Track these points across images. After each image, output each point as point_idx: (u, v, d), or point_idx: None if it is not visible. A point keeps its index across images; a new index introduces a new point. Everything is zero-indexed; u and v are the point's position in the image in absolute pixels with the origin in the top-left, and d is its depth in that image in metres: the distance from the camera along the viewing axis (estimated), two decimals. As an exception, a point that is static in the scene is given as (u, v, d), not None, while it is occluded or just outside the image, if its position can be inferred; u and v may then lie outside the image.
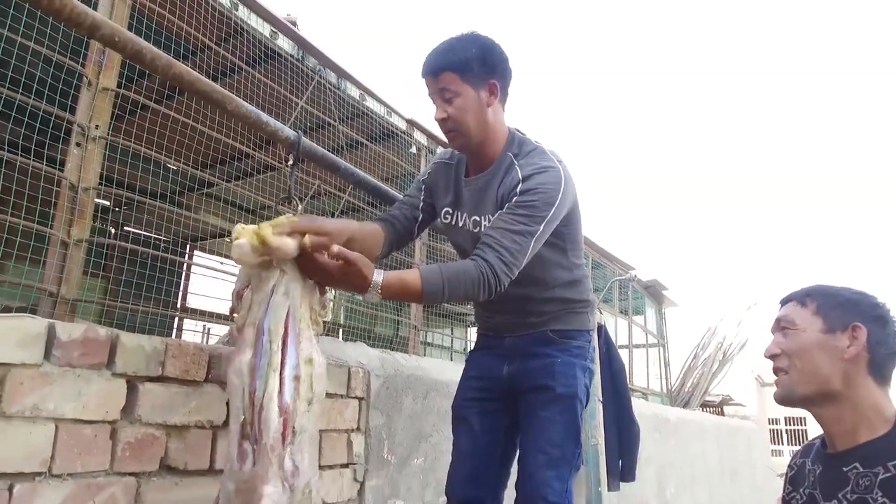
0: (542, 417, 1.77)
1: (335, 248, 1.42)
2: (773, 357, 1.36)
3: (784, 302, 1.42)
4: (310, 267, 1.44)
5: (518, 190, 1.68)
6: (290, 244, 1.41)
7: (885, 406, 1.25)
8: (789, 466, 1.47)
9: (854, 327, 1.27)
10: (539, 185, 1.68)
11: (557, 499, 1.69)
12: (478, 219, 1.82)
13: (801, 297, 1.38)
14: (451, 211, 1.92)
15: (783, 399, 1.34)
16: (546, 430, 1.75)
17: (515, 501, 1.77)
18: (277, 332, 1.41)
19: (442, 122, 1.75)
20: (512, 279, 1.64)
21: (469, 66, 1.70)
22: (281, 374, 1.38)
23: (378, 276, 1.48)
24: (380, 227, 1.87)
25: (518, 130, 1.87)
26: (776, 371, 1.35)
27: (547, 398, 1.78)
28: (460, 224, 1.88)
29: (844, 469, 1.22)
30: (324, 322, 1.53)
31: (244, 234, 1.40)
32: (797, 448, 1.52)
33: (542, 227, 1.66)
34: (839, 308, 1.31)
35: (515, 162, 1.76)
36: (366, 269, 1.46)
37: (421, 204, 1.99)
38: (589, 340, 1.93)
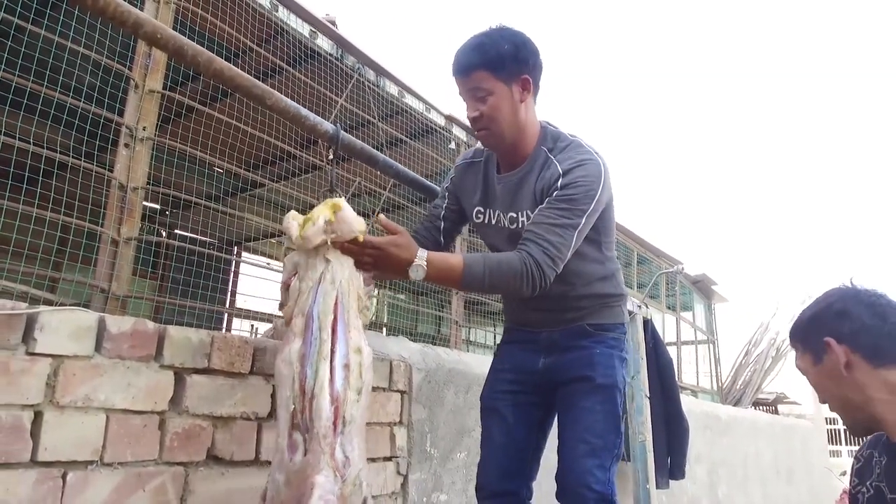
0: (583, 407, 1.76)
1: (371, 238, 1.48)
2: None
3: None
4: (358, 254, 1.48)
5: (559, 184, 1.66)
6: (359, 221, 1.45)
7: None
8: (855, 458, 1.41)
9: (825, 343, 1.26)
10: (579, 177, 1.66)
11: (601, 487, 1.68)
12: (514, 215, 1.80)
13: (791, 342, 1.40)
14: (482, 210, 1.89)
15: (852, 433, 1.34)
16: (586, 420, 1.74)
17: (558, 492, 1.75)
18: (326, 319, 1.41)
19: (474, 120, 1.73)
20: (557, 273, 1.63)
21: (501, 62, 1.67)
22: (331, 362, 1.38)
23: (422, 252, 1.53)
24: None
25: (549, 124, 1.84)
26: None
27: (587, 388, 1.78)
28: (493, 221, 1.86)
29: None
30: (368, 314, 1.52)
31: (319, 213, 1.42)
32: (857, 448, 1.47)
33: (584, 220, 1.65)
34: (808, 335, 1.32)
35: (551, 156, 1.74)
36: (409, 246, 1.51)
37: (443, 213, 1.98)
38: (624, 332, 1.93)
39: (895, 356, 1.21)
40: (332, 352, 1.39)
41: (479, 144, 1.95)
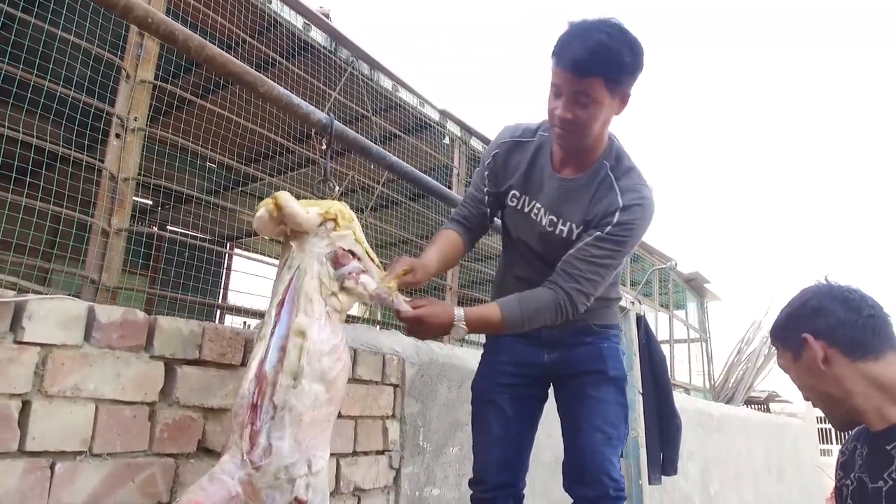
0: (596, 398, 1.81)
1: (407, 310, 1.51)
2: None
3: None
4: (409, 325, 1.55)
5: (615, 220, 1.65)
6: (304, 214, 1.40)
7: (894, 375, 1.21)
8: (841, 452, 1.42)
9: (803, 340, 1.27)
10: (634, 219, 1.67)
11: (619, 476, 1.76)
12: (555, 219, 1.75)
13: (772, 341, 1.42)
14: (518, 194, 1.83)
15: (836, 428, 1.38)
16: (601, 411, 1.79)
17: (573, 480, 1.79)
18: (274, 300, 1.40)
19: (563, 121, 1.60)
20: (588, 307, 1.69)
21: (620, 75, 1.56)
22: (269, 342, 1.35)
23: (459, 312, 1.57)
24: (456, 233, 1.86)
25: (614, 137, 1.78)
26: None
27: (600, 380, 1.83)
28: (527, 211, 1.81)
29: (888, 448, 1.18)
30: (346, 301, 1.47)
31: (263, 205, 1.40)
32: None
33: (623, 261, 1.73)
34: (786, 333, 1.34)
35: (612, 176, 1.70)
36: (444, 312, 1.55)
37: (486, 198, 1.89)
38: (620, 331, 2.00)
39: (871, 349, 1.23)
40: (272, 333, 1.35)
41: (530, 124, 1.87)
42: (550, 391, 1.96)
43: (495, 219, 1.97)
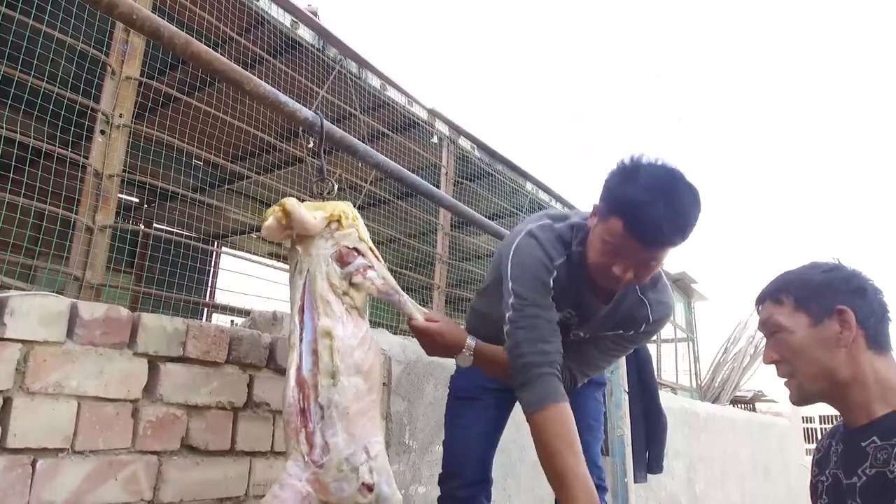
0: (586, 395, 1.86)
1: (419, 320, 1.56)
2: (773, 364, 1.32)
3: (759, 302, 1.36)
4: (418, 337, 1.59)
5: (642, 329, 1.69)
6: (312, 220, 1.42)
7: (892, 376, 1.22)
8: (816, 449, 1.43)
9: (840, 311, 1.22)
10: (657, 328, 1.74)
11: (602, 464, 1.88)
12: (581, 334, 1.70)
13: (775, 294, 1.31)
14: (573, 313, 1.67)
15: (799, 402, 1.31)
16: (584, 405, 1.83)
17: None
18: (294, 308, 1.43)
19: (625, 281, 1.48)
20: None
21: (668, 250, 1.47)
22: (300, 348, 1.38)
23: (471, 341, 1.58)
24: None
25: None
26: (781, 376, 1.31)
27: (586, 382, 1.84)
28: (575, 331, 1.70)
29: (863, 444, 1.19)
30: (358, 298, 1.49)
31: (271, 213, 1.42)
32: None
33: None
34: (816, 295, 1.26)
35: (639, 292, 1.63)
36: (454, 336, 1.57)
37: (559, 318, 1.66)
38: None
39: (885, 345, 1.24)
40: (301, 339, 1.39)
41: (562, 227, 1.64)
42: None
43: None
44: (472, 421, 1.88)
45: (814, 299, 1.26)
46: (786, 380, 1.30)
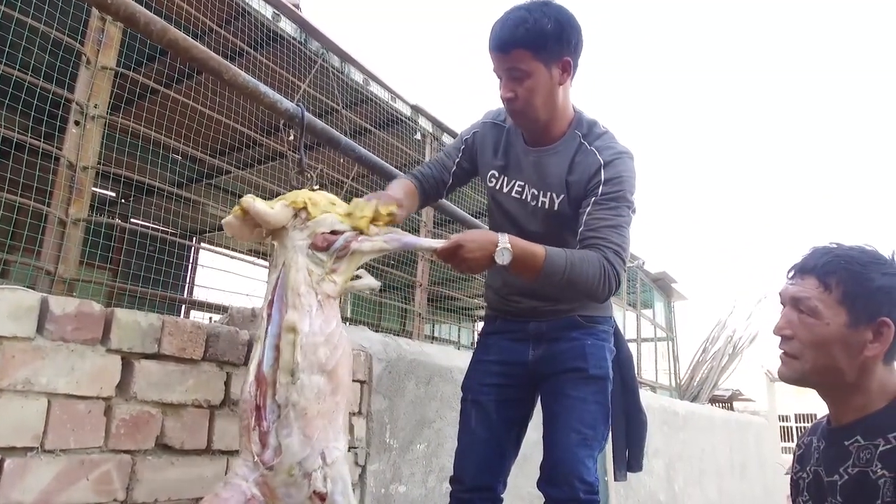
0: (574, 397, 1.73)
1: (441, 242, 1.47)
2: (784, 337, 1.24)
3: (801, 273, 1.25)
4: (448, 260, 1.49)
5: (602, 178, 1.63)
6: (270, 211, 1.38)
7: (888, 381, 1.20)
8: (797, 445, 1.43)
9: (882, 323, 1.15)
10: (621, 172, 1.65)
11: (592, 479, 1.67)
12: (536, 192, 1.74)
13: (824, 276, 1.20)
14: (497, 175, 1.82)
15: (791, 382, 1.26)
16: (578, 411, 1.72)
17: (544, 480, 1.72)
18: (265, 301, 1.38)
19: (508, 101, 1.64)
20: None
21: (543, 42, 1.56)
22: (264, 343, 1.33)
23: (502, 236, 1.49)
24: (412, 184, 1.83)
25: (581, 110, 1.78)
26: (784, 351, 1.24)
27: (579, 379, 1.75)
28: (510, 191, 1.79)
29: (846, 443, 1.19)
30: (334, 286, 1.43)
31: (231, 213, 1.39)
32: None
33: (632, 216, 1.66)
34: (869, 299, 1.16)
35: (587, 144, 1.69)
36: (485, 233, 1.50)
37: (454, 168, 1.90)
38: (612, 325, 1.91)
39: (894, 357, 1.20)
40: (266, 333, 1.34)
41: (479, 120, 1.88)
42: None
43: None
44: (471, 426, 1.83)
45: (864, 301, 1.17)
46: (785, 354, 1.24)
